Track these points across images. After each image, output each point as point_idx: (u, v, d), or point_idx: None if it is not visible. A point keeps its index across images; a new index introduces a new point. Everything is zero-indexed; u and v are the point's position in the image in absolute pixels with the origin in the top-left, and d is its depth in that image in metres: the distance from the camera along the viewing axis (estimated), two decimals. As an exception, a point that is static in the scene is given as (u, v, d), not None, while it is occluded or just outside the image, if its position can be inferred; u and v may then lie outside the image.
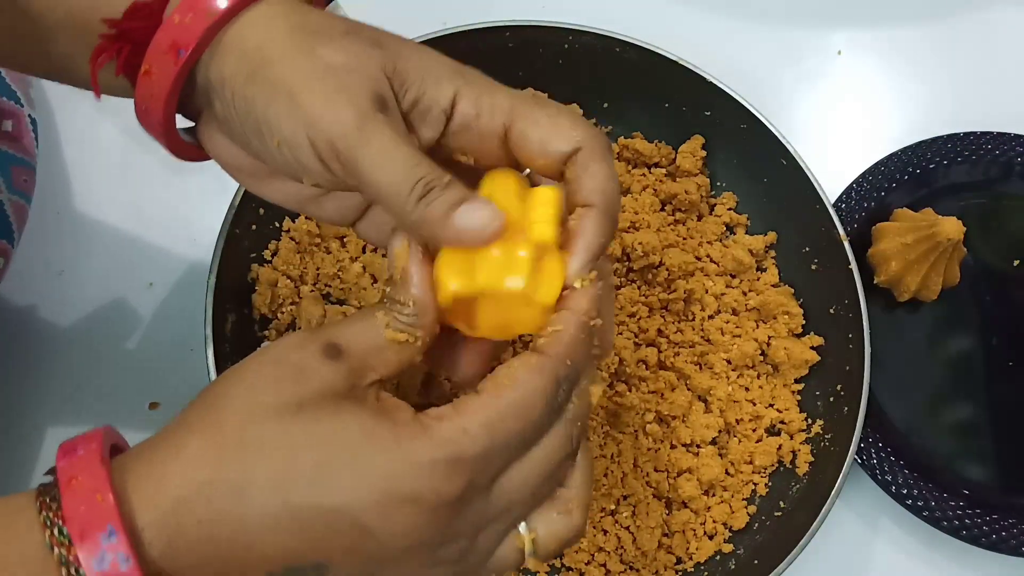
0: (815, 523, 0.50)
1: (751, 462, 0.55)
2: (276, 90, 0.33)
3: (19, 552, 0.29)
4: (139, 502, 0.30)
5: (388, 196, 0.32)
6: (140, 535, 0.29)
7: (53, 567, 0.29)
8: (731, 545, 0.54)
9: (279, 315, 0.55)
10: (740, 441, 0.56)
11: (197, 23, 0.34)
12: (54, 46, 0.38)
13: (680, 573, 0.54)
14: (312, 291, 0.56)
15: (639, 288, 0.58)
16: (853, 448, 0.51)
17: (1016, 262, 0.62)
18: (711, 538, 0.54)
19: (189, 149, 0.39)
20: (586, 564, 0.53)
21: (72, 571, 0.28)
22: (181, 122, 0.38)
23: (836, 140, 0.66)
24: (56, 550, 0.29)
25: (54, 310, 0.58)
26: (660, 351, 0.57)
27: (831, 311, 0.56)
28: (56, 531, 0.29)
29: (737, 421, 0.56)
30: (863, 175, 0.62)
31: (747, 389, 0.57)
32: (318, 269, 0.57)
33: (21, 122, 0.56)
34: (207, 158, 0.40)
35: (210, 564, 0.30)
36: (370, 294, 0.56)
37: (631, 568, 0.53)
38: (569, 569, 0.53)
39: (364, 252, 0.57)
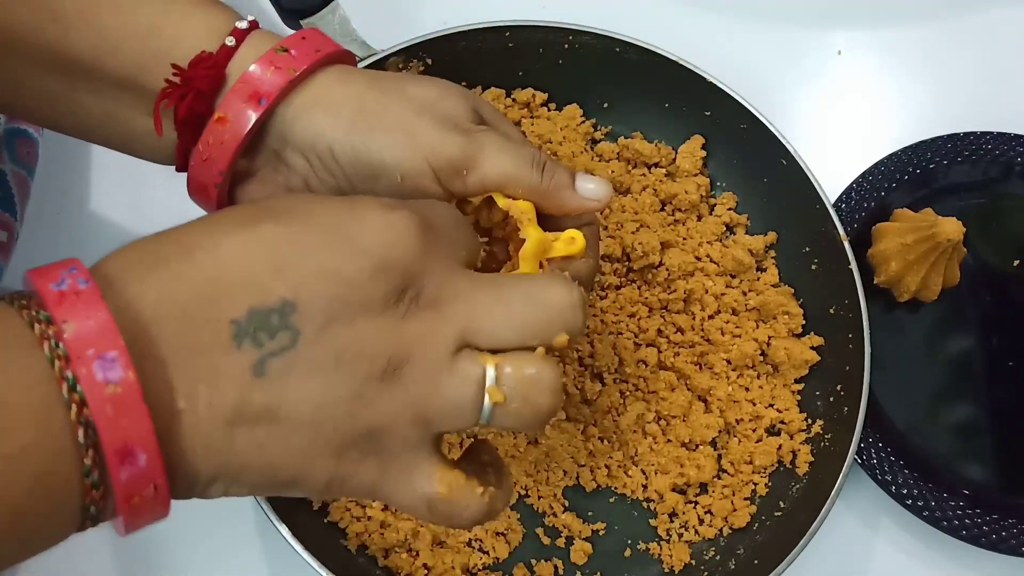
0: (815, 523, 0.50)
1: (751, 462, 0.55)
2: (390, 132, 0.37)
3: None
4: (109, 258, 0.29)
5: (516, 178, 0.38)
6: (106, 275, 0.28)
7: (12, 312, 0.27)
8: (732, 544, 0.54)
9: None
10: (740, 441, 0.56)
11: (279, 77, 0.37)
12: (96, 102, 0.39)
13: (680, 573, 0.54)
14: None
15: (639, 288, 0.58)
16: (853, 448, 0.52)
17: (1016, 262, 0.62)
18: (711, 538, 0.54)
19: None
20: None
21: (32, 312, 0.27)
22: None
23: (836, 140, 0.66)
24: (16, 302, 0.27)
25: (54, 310, 0.58)
26: (660, 351, 0.57)
27: (831, 311, 0.56)
28: (17, 295, 0.28)
29: (737, 421, 0.56)
30: (863, 175, 0.62)
31: (747, 389, 0.57)
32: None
33: None
34: None
35: (173, 305, 0.28)
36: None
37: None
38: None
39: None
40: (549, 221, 0.40)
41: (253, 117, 0.37)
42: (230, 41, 0.38)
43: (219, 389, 0.28)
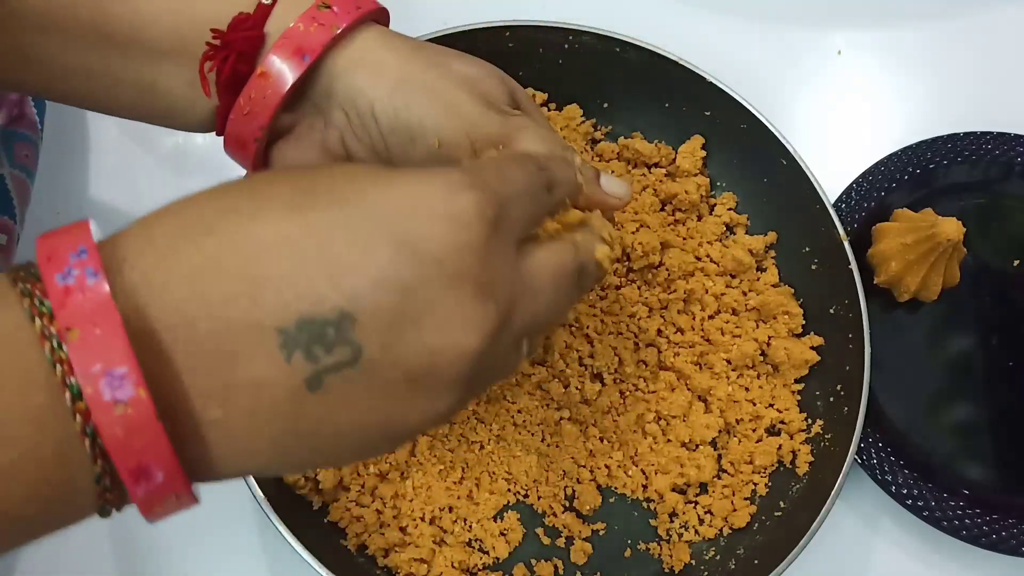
0: (815, 523, 0.50)
1: (751, 462, 0.55)
2: (433, 99, 0.38)
3: None
4: (124, 236, 0.26)
5: None
6: (122, 259, 0.25)
7: (13, 298, 0.24)
8: (732, 544, 0.54)
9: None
10: (740, 441, 0.56)
11: (323, 33, 0.38)
12: (135, 75, 0.39)
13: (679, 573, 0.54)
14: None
15: (639, 288, 0.58)
16: (853, 448, 0.52)
17: (1016, 262, 0.62)
18: (711, 538, 0.54)
19: (260, 165, 0.41)
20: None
21: (35, 301, 0.24)
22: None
23: (836, 140, 0.66)
24: (19, 284, 0.25)
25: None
26: (660, 351, 0.57)
27: (831, 311, 0.56)
28: (22, 272, 0.25)
29: (737, 421, 0.56)
30: (863, 175, 0.62)
31: (747, 389, 0.57)
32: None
33: (24, 99, 0.56)
34: None
35: (205, 305, 0.25)
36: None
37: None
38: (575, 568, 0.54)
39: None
40: None
41: (296, 72, 0.37)
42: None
43: (263, 401, 0.26)
